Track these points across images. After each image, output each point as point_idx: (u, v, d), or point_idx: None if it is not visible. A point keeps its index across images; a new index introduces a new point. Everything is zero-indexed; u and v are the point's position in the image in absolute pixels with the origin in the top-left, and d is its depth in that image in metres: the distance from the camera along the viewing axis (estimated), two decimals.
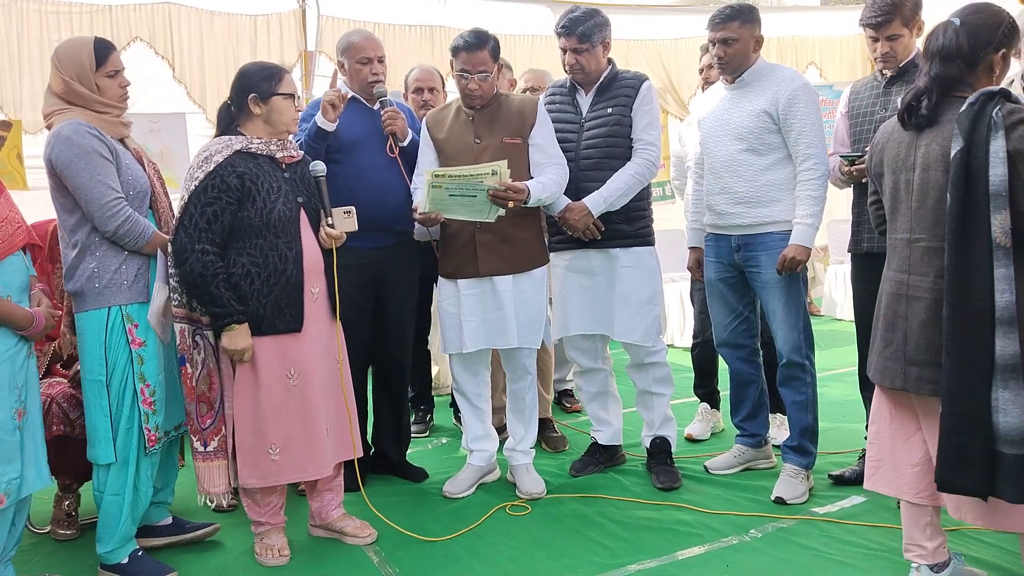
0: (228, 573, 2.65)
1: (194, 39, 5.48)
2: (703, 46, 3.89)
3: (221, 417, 2.60)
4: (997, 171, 1.93)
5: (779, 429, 3.60)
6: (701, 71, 3.88)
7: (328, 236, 2.67)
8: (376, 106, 3.20)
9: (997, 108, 1.96)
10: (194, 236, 2.45)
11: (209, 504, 2.65)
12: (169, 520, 2.84)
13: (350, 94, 3.15)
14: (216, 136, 2.65)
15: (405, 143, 3.17)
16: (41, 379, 2.91)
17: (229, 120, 2.65)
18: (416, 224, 3.08)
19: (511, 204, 2.88)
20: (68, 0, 5.12)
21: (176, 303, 2.52)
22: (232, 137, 2.59)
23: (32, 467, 2.31)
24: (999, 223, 1.93)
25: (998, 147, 1.93)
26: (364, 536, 2.81)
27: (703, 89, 3.86)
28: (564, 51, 3.14)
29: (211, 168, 2.49)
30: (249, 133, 2.62)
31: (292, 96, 2.66)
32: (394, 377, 3.39)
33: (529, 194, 2.90)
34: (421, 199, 2.91)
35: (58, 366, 3.02)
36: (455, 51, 3.02)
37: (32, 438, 2.33)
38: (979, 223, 1.95)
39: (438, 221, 2.96)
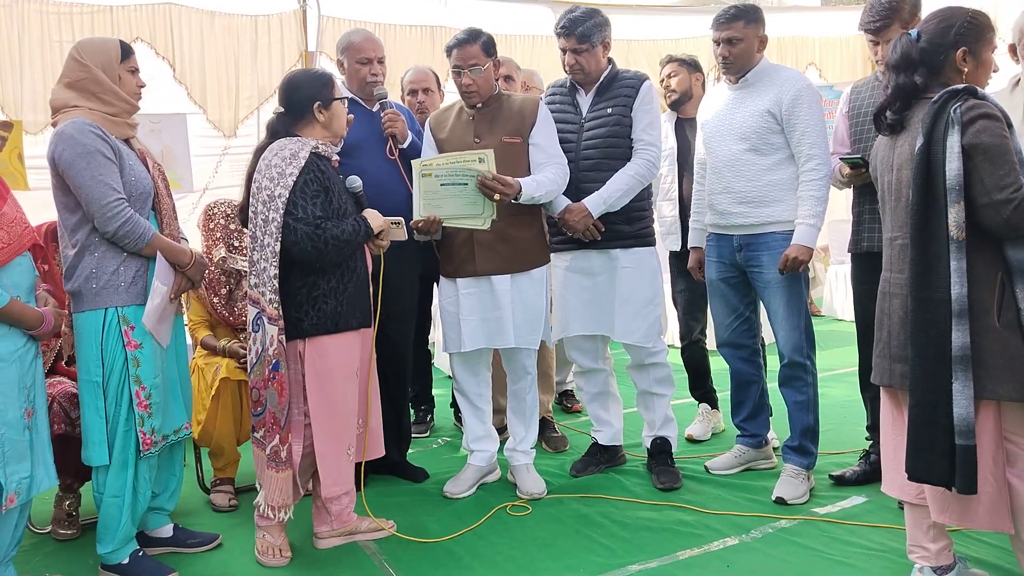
0: (229, 574, 2.65)
1: (195, 39, 5.48)
2: (662, 60, 3.87)
3: (288, 426, 2.55)
4: (952, 166, 1.99)
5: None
6: (662, 81, 3.81)
7: (376, 246, 2.71)
8: (376, 108, 3.20)
9: (957, 105, 2.02)
10: (314, 223, 2.47)
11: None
12: (170, 530, 2.81)
13: (348, 95, 3.15)
14: (262, 144, 2.65)
15: (405, 145, 3.17)
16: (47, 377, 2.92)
17: (285, 131, 2.63)
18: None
19: (498, 196, 2.87)
20: (69, 1, 5.13)
21: (272, 304, 2.48)
22: (300, 137, 2.60)
23: (40, 467, 2.32)
24: (953, 217, 1.99)
25: (954, 142, 1.99)
26: (384, 529, 2.83)
27: (667, 98, 3.78)
28: (564, 51, 3.14)
29: (302, 164, 2.50)
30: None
31: (345, 99, 2.72)
32: (394, 377, 3.39)
33: (521, 190, 2.90)
34: (415, 197, 2.93)
35: (62, 363, 3.02)
36: (448, 50, 3.05)
37: (40, 438, 2.33)
38: (938, 217, 2.02)
39: (437, 226, 2.95)
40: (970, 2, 2.50)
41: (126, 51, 2.55)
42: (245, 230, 3.30)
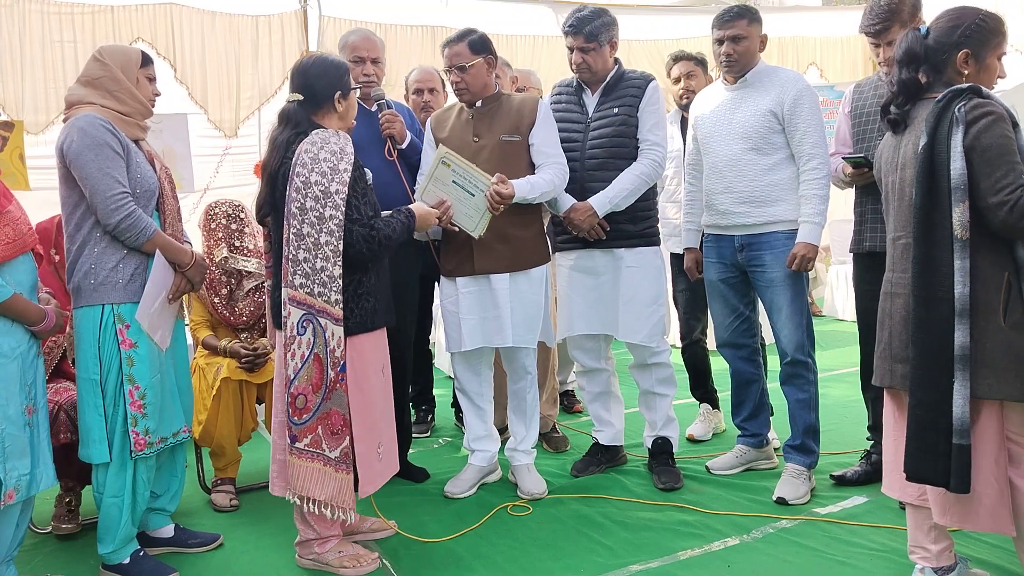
0: (230, 573, 2.65)
1: (196, 40, 5.48)
2: (674, 55, 3.87)
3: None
4: (956, 165, 1.99)
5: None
6: (679, 80, 3.79)
7: None
8: (374, 108, 3.20)
9: (962, 104, 2.02)
10: (368, 225, 2.46)
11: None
12: (171, 530, 2.81)
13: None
14: (282, 134, 2.52)
15: (403, 145, 3.17)
16: (49, 381, 2.91)
17: (307, 120, 2.52)
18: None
19: (501, 208, 2.92)
20: (70, 1, 5.13)
21: (336, 305, 2.41)
22: (331, 130, 2.52)
23: (40, 465, 2.32)
24: (957, 216, 1.99)
25: (957, 142, 1.99)
26: (387, 528, 2.82)
27: (682, 98, 3.76)
28: (571, 50, 3.15)
29: (352, 159, 2.47)
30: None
31: (358, 88, 2.71)
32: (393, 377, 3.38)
33: (514, 192, 2.93)
34: (423, 177, 2.94)
35: (70, 361, 3.01)
36: (442, 49, 3.09)
37: (40, 436, 2.34)
38: (941, 216, 2.02)
39: (448, 213, 2.93)
40: (976, 2, 2.48)
41: (146, 59, 2.61)
42: (247, 230, 3.31)
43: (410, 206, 2.67)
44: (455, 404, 4.10)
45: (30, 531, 2.83)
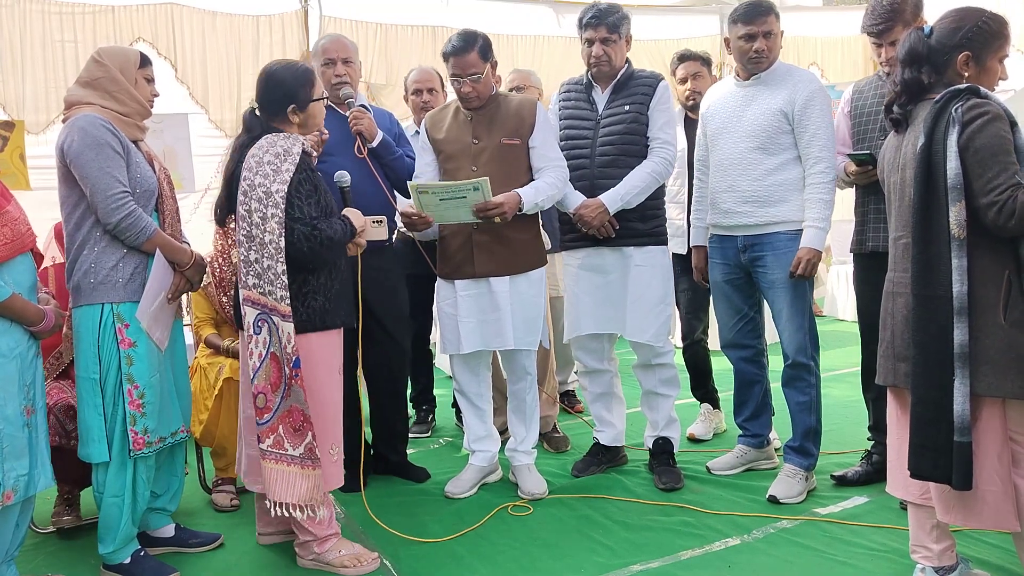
0: (231, 573, 2.65)
1: (196, 40, 5.49)
2: (680, 54, 3.86)
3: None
4: (952, 165, 2.01)
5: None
6: (685, 80, 3.78)
7: (355, 245, 2.66)
8: (347, 113, 3.14)
9: (959, 104, 2.02)
10: (310, 224, 2.46)
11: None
12: (172, 530, 2.81)
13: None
14: (239, 139, 2.58)
15: (374, 144, 3.13)
16: (55, 381, 2.91)
17: (266, 127, 2.55)
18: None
19: (497, 219, 2.91)
20: (71, 1, 5.13)
21: (283, 301, 2.42)
22: (288, 134, 2.54)
23: (38, 466, 2.32)
24: (954, 215, 2.00)
25: (953, 142, 2.01)
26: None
27: (688, 99, 3.75)
28: (590, 43, 3.13)
29: (297, 160, 2.47)
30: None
31: (324, 99, 2.69)
32: (381, 378, 3.37)
33: (521, 201, 2.92)
34: (413, 203, 2.94)
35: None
36: (445, 56, 3.04)
37: (38, 437, 2.33)
38: (939, 216, 2.03)
39: (425, 223, 2.95)
40: (982, 3, 2.47)
41: (145, 60, 2.63)
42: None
43: (344, 211, 2.64)
44: (455, 404, 4.10)
45: (31, 531, 2.83)
